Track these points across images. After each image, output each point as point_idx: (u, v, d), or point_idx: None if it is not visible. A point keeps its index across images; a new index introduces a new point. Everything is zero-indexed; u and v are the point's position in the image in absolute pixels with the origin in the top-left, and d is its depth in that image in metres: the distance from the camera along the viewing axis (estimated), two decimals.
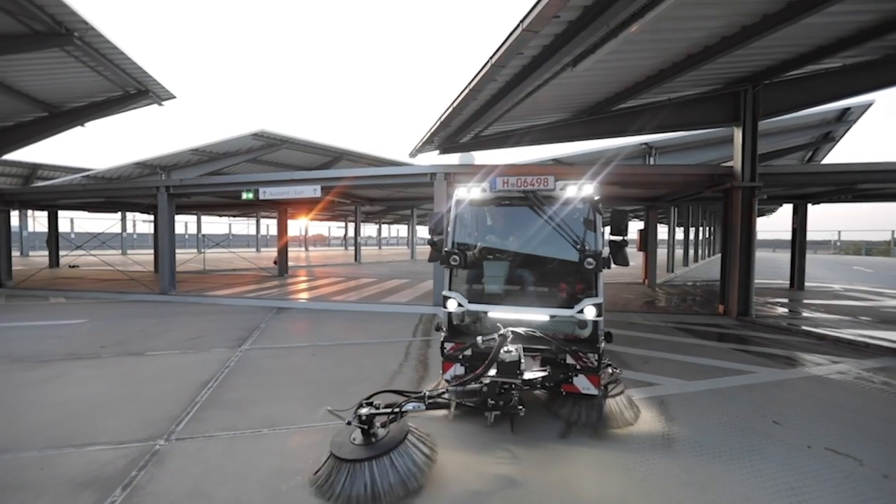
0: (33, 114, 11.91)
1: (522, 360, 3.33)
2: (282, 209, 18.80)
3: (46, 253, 23.09)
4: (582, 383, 3.62)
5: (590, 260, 3.54)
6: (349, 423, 2.94)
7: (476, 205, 4.30)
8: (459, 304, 3.93)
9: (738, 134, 8.19)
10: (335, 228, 53.76)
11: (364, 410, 2.93)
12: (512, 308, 3.93)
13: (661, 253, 19.09)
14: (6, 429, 3.71)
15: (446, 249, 4.00)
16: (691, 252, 24.41)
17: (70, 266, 19.97)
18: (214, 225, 37.37)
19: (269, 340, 6.86)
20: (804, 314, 9.17)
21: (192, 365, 5.56)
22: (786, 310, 9.75)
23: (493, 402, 3.27)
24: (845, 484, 2.95)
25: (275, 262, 19.48)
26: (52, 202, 15.30)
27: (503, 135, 9.81)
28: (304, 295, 11.65)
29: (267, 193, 10.84)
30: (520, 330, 3.65)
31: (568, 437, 3.57)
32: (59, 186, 14.26)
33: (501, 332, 3.37)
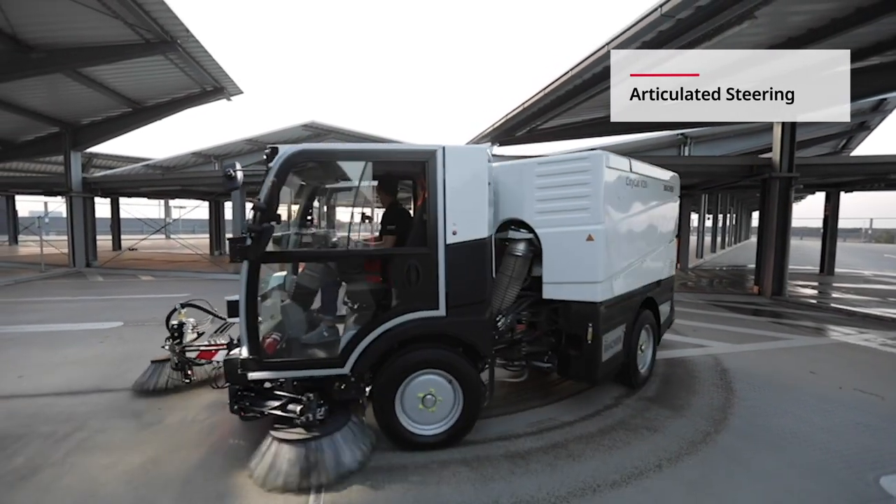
0: (120, 109, 13.16)
1: (182, 331, 3.92)
2: None
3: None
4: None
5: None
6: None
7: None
8: None
9: (777, 128, 8.86)
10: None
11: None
12: None
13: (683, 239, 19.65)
14: None
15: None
16: (718, 239, 24.82)
17: (130, 249, 21.63)
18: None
19: None
20: (835, 295, 9.91)
21: None
22: (817, 291, 10.48)
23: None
24: (869, 410, 3.86)
25: None
26: (135, 189, 16.73)
27: (558, 129, 10.66)
28: None
29: None
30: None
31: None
32: (142, 175, 15.68)
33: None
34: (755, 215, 45.41)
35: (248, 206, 3.14)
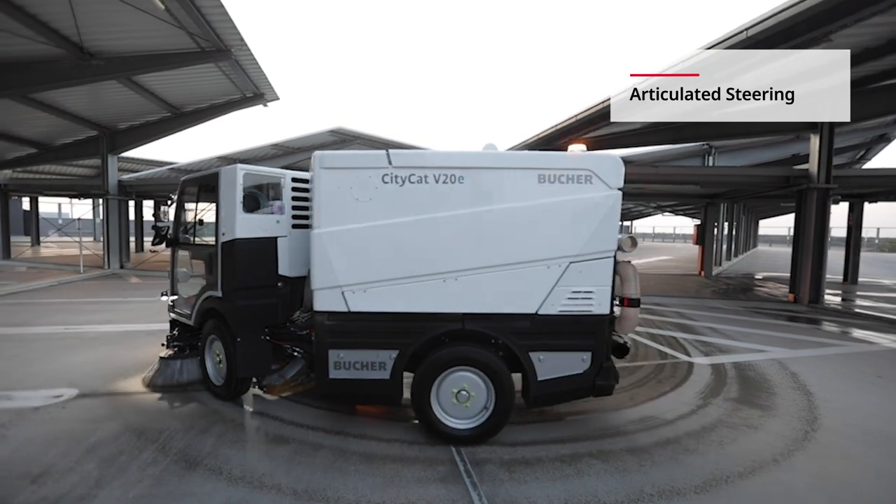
0: (159, 114, 13.42)
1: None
2: None
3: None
4: None
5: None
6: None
7: None
8: None
9: (814, 140, 9.13)
10: None
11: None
12: None
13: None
14: None
15: None
16: (732, 247, 25.08)
17: (151, 251, 21.85)
18: None
19: None
20: (867, 303, 10.15)
21: None
22: (849, 300, 10.72)
23: None
24: None
25: None
26: (166, 193, 16.94)
27: (596, 139, 10.92)
28: None
29: None
30: None
31: None
32: (173, 179, 15.86)
33: None
34: (762, 223, 45.76)
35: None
